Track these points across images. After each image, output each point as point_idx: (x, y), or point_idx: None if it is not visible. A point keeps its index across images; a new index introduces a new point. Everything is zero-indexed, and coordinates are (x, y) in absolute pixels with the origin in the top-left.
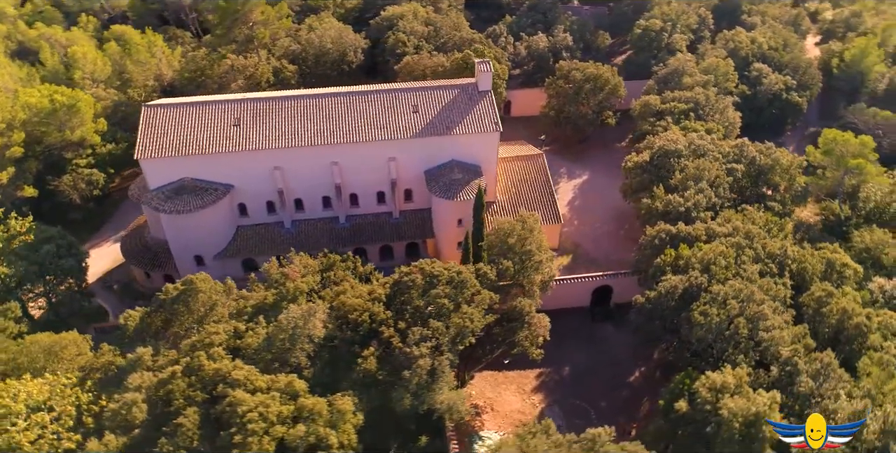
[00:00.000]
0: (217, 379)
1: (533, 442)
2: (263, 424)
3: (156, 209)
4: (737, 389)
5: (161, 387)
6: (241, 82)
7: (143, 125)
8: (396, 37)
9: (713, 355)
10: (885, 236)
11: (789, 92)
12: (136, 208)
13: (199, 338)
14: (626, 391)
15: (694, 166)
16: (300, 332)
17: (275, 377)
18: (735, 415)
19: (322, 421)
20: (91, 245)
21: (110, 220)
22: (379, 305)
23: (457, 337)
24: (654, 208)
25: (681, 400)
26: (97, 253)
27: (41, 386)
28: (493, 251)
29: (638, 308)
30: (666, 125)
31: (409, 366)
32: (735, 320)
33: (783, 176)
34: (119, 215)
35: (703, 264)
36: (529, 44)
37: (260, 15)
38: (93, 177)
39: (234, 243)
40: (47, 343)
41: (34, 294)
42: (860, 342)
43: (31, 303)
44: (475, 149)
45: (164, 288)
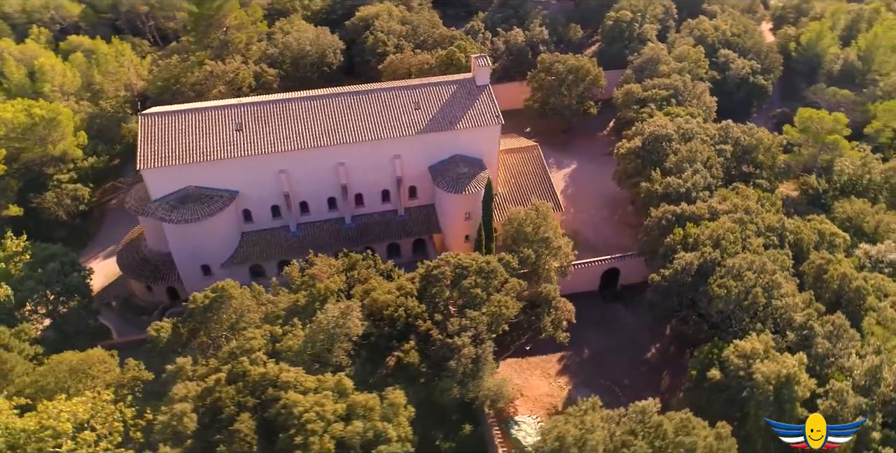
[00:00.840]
0: (265, 383)
1: (587, 418)
2: (322, 423)
3: (162, 219)
4: (765, 354)
5: (207, 396)
6: (222, 88)
7: (142, 134)
8: (376, 36)
9: (732, 325)
10: (864, 205)
11: (755, 75)
12: (123, 221)
13: (238, 344)
14: (644, 367)
15: (686, 149)
16: (339, 331)
17: (322, 377)
18: (768, 378)
19: (377, 416)
20: (82, 262)
21: (97, 236)
22: (412, 299)
23: (491, 324)
24: (653, 191)
25: (712, 369)
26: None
27: (82, 404)
28: (508, 240)
29: (654, 286)
30: (650, 111)
31: (451, 357)
32: (752, 290)
33: (766, 154)
34: (106, 229)
35: (712, 240)
36: (507, 39)
37: (234, 19)
38: (78, 192)
39: (241, 250)
40: (75, 361)
41: (38, 314)
42: (860, 304)
43: (28, 323)
44: (477, 143)
45: (191, 297)
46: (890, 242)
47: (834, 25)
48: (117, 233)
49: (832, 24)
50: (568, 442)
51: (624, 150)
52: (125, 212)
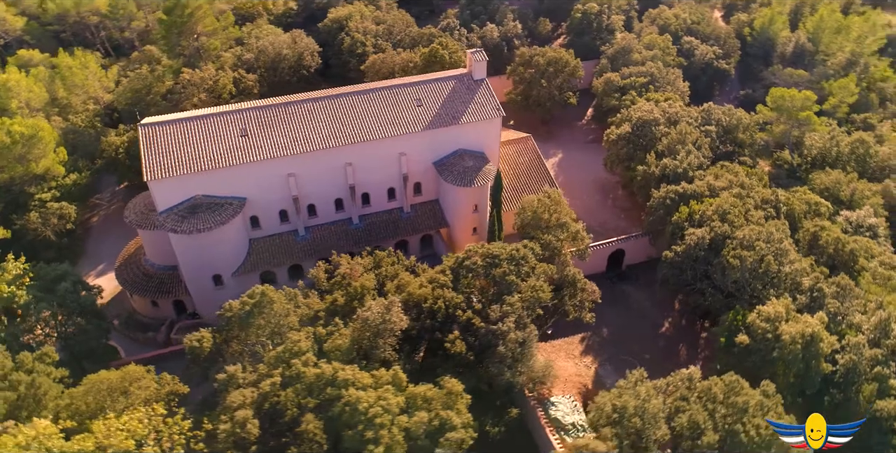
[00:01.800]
0: (321, 384)
1: (641, 389)
2: (388, 416)
3: (172, 231)
4: (787, 316)
5: (265, 401)
6: (202, 96)
7: (146, 146)
8: (353, 37)
9: (748, 293)
10: (839, 175)
11: (718, 60)
12: (107, 238)
13: (285, 347)
14: (661, 341)
15: (676, 131)
16: (385, 327)
17: (376, 372)
18: (794, 338)
19: (439, 405)
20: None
21: (85, 254)
22: (449, 291)
23: (528, 309)
24: (650, 173)
25: (739, 334)
26: None
27: (138, 421)
28: (526, 228)
29: (668, 261)
30: (632, 98)
31: (497, 343)
32: (765, 259)
33: (745, 133)
34: (93, 247)
35: (718, 215)
36: (482, 34)
37: (206, 26)
38: (64, 211)
39: (251, 257)
40: (114, 380)
41: (50, 336)
42: (853, 266)
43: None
44: (480, 137)
45: (226, 305)
46: (868, 208)
47: (781, 10)
48: (104, 251)
49: (780, 9)
50: (629, 412)
51: (614, 136)
52: (108, 228)
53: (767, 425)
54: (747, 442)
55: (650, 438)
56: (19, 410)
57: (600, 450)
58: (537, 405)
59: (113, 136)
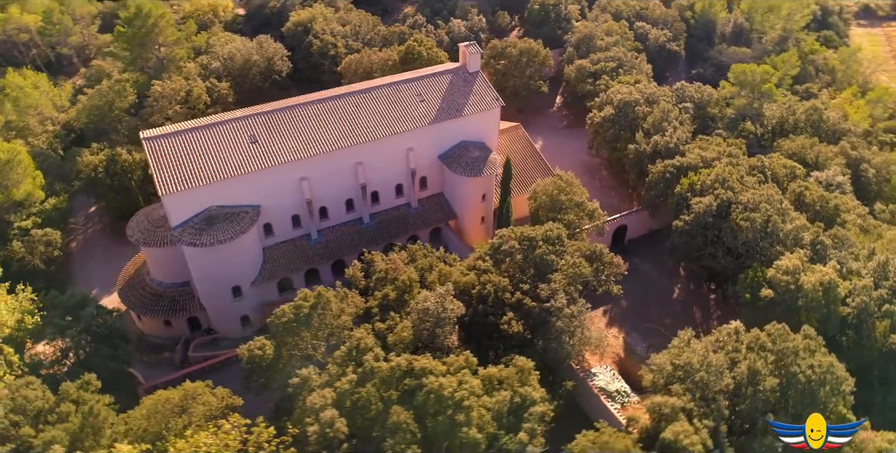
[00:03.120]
0: (397, 376)
1: (696, 346)
2: (474, 399)
3: (192, 244)
4: (804, 268)
5: (346, 399)
6: (178, 108)
7: (155, 159)
8: (323, 39)
9: (758, 252)
10: (804, 140)
11: (669, 43)
12: (94, 262)
13: (350, 345)
14: (677, 306)
15: (658, 110)
16: (444, 315)
17: (446, 359)
18: (815, 286)
19: (515, 383)
20: None
21: (73, 281)
22: (495, 275)
23: (571, 285)
24: (642, 151)
25: (762, 289)
26: None
27: (225, 434)
28: (542, 210)
29: (679, 230)
30: (605, 82)
31: (552, 319)
32: (771, 218)
33: (716, 108)
34: (79, 273)
35: (720, 183)
36: (450, 30)
37: (169, 35)
38: (49, 237)
39: (268, 265)
40: (177, 397)
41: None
42: (836, 219)
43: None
44: (481, 127)
45: (278, 311)
46: (836, 167)
47: None
48: (93, 276)
49: None
50: (695, 367)
51: (598, 119)
52: (90, 252)
53: (820, 363)
54: (804, 380)
55: (715, 389)
56: (79, 441)
57: (679, 405)
58: (586, 376)
59: (88, 156)
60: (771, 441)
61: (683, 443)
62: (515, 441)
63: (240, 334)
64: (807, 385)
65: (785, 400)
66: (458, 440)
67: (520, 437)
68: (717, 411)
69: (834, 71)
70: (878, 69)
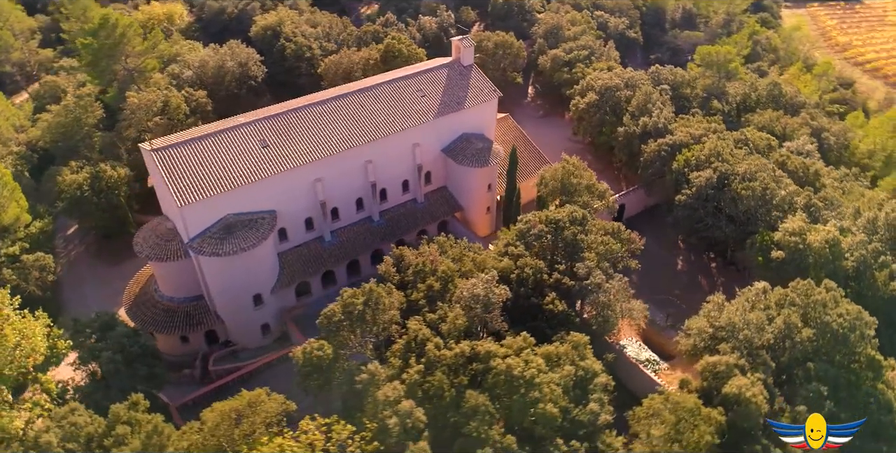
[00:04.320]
0: (462, 362)
1: (731, 308)
2: (543, 376)
3: (215, 254)
4: (807, 227)
5: (417, 389)
6: (159, 119)
7: (166, 171)
8: (297, 42)
9: (759, 218)
10: (771, 114)
11: (627, 30)
12: (84, 285)
13: (408, 337)
14: (683, 277)
15: (641, 93)
16: (493, 300)
17: (505, 341)
18: (822, 244)
19: (575, 357)
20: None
21: (67, 305)
22: (531, 259)
23: (602, 262)
24: (631, 132)
25: (772, 251)
26: None
27: (306, 436)
28: (554, 194)
29: (682, 204)
30: (581, 70)
31: (593, 296)
32: (769, 186)
33: (689, 88)
34: (72, 297)
35: (715, 156)
36: (421, 27)
37: (135, 46)
38: (42, 262)
39: (286, 270)
40: (241, 407)
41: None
42: (816, 183)
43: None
44: (480, 119)
45: (327, 310)
46: (805, 137)
47: None
48: (86, 299)
49: None
50: (739, 326)
51: (583, 106)
52: (79, 275)
53: (848, 311)
54: (837, 327)
55: (757, 345)
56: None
57: (732, 362)
58: (620, 348)
59: (68, 175)
60: (815, 387)
61: (747, 396)
62: (586, 411)
63: (260, 344)
64: (839, 332)
65: (820, 349)
66: (534, 416)
67: (591, 408)
68: (764, 364)
69: (777, 49)
70: (813, 46)
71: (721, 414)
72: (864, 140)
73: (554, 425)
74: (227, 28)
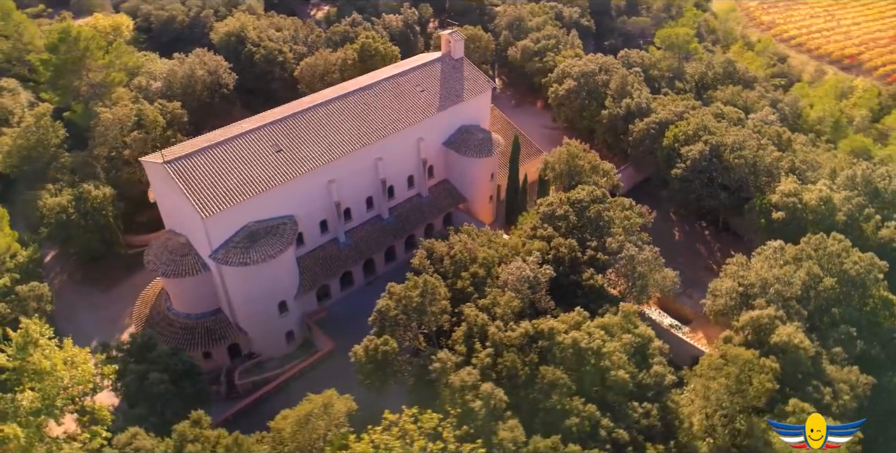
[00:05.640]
0: (527, 341)
1: (756, 266)
2: (610, 345)
3: (243, 263)
4: (800, 188)
5: (490, 372)
6: (136, 134)
7: (185, 183)
8: (267, 46)
9: (750, 184)
10: (734, 89)
11: (581, 18)
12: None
13: (468, 324)
14: (681, 246)
15: (619, 76)
16: (541, 280)
17: (562, 316)
18: (817, 201)
19: (629, 326)
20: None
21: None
22: (563, 239)
23: (629, 235)
24: (616, 114)
25: (772, 212)
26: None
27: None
28: (563, 177)
29: (679, 177)
30: (552, 59)
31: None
32: (757, 153)
33: (656, 70)
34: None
35: (703, 130)
36: (388, 25)
37: (98, 58)
38: (39, 292)
39: (306, 275)
40: (317, 409)
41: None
42: (790, 146)
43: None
44: (476, 110)
45: (381, 306)
46: (767, 108)
47: None
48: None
49: None
50: (769, 281)
51: (563, 92)
52: (70, 302)
53: (860, 257)
54: (855, 273)
55: (787, 297)
56: None
57: (773, 314)
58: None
59: (49, 199)
60: (845, 329)
61: (794, 342)
62: (652, 374)
63: (284, 352)
64: (857, 277)
65: (839, 295)
66: (607, 383)
67: (656, 370)
68: (798, 314)
69: (716, 31)
70: (745, 26)
71: (774, 362)
72: (815, 108)
73: (626, 390)
74: (180, 37)
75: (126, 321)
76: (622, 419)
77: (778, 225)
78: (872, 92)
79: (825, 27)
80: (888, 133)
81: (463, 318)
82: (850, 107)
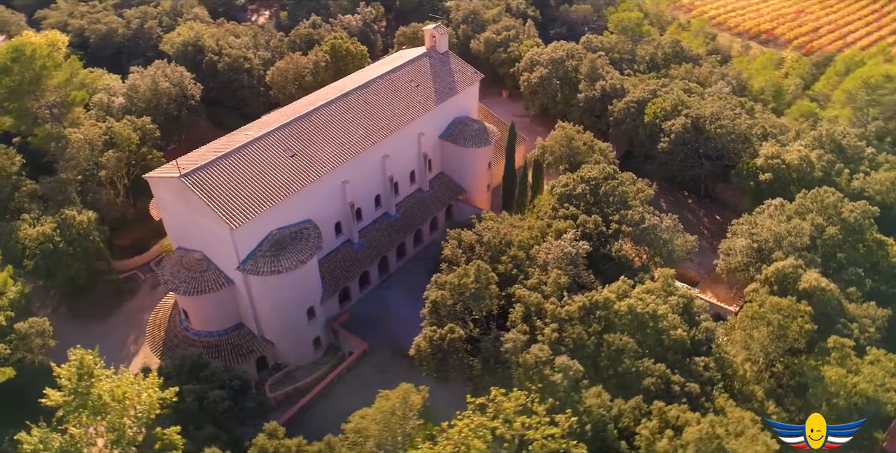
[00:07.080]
0: (584, 313)
1: (765, 223)
2: (664, 308)
3: (276, 272)
4: (781, 150)
5: (558, 346)
6: (111, 154)
7: (207, 196)
8: (231, 54)
9: (730, 151)
10: (686, 66)
11: (527, 8)
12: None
13: (523, 303)
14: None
15: (588, 60)
16: (578, 255)
17: (609, 287)
18: (799, 160)
19: (671, 289)
20: None
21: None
22: (586, 216)
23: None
24: (591, 96)
25: (760, 175)
26: None
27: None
28: (562, 159)
29: (665, 150)
30: (516, 49)
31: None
32: (735, 122)
33: (616, 53)
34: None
35: (681, 104)
36: (346, 24)
37: (53, 77)
38: (38, 327)
39: (328, 279)
40: (396, 403)
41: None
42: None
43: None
44: (466, 102)
45: (433, 298)
46: (722, 82)
47: None
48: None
49: None
50: (783, 234)
51: (536, 80)
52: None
53: (854, 207)
54: (853, 220)
55: (798, 247)
56: None
57: (794, 263)
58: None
59: (28, 229)
60: (854, 270)
61: (822, 286)
62: (702, 330)
63: (312, 359)
64: (855, 224)
65: (840, 241)
66: (665, 343)
67: (705, 326)
68: (812, 261)
69: (649, 14)
70: (672, 9)
71: (806, 305)
72: (756, 79)
73: (685, 348)
74: (122, 50)
75: (132, 348)
76: (687, 374)
77: (764, 186)
78: (802, 62)
79: (738, 6)
80: (817, 98)
81: (515, 299)
82: (782, 77)
